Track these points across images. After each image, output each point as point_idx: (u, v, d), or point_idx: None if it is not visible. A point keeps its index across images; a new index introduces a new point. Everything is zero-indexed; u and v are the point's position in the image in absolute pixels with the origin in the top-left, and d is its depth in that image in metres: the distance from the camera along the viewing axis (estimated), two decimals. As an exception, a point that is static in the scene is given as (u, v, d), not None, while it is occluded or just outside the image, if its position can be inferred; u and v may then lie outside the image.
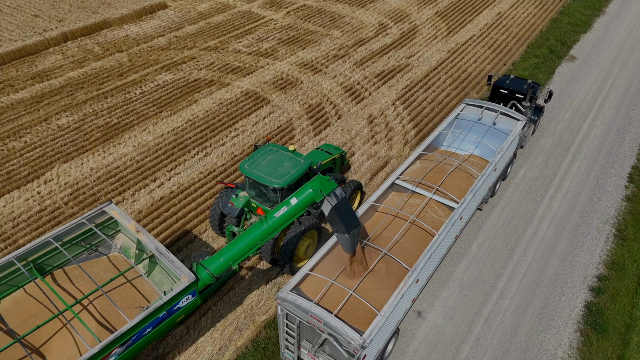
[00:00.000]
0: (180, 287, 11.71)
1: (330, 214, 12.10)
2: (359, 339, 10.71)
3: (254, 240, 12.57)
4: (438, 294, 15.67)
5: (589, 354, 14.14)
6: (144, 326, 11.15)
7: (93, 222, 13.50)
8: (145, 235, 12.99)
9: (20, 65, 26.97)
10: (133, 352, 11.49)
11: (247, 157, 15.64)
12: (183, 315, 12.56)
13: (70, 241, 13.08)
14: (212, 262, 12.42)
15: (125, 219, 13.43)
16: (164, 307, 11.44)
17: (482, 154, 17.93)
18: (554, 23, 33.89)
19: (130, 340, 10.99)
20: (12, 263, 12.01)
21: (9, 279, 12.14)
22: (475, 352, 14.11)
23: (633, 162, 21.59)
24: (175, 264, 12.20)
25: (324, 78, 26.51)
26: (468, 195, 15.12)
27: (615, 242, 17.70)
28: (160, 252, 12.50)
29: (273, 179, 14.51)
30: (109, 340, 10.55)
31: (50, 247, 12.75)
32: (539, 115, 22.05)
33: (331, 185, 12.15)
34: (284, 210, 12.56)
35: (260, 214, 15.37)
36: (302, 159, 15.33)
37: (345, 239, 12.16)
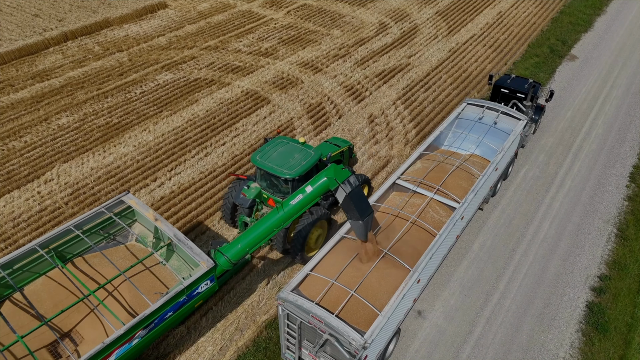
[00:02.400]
0: (199, 272, 12.02)
1: (344, 202, 12.33)
2: (360, 340, 10.67)
3: (271, 227, 12.97)
4: (439, 293, 15.64)
5: (590, 354, 14.11)
6: (165, 310, 11.52)
7: (111, 212, 13.87)
8: (164, 223, 13.34)
9: (21, 64, 26.94)
10: (155, 335, 11.85)
11: (258, 149, 16.00)
12: (201, 301, 12.89)
13: (89, 230, 13.44)
14: (230, 249, 12.82)
15: (144, 207, 13.78)
16: (184, 291, 11.82)
17: (483, 154, 17.88)
18: (555, 22, 33.84)
19: (152, 323, 11.37)
20: (35, 250, 12.37)
21: (31, 266, 12.55)
22: (476, 352, 14.07)
23: (634, 162, 21.54)
24: (194, 250, 12.56)
25: (325, 77, 26.47)
26: (469, 195, 15.07)
27: (616, 241, 17.65)
28: (179, 239, 12.87)
29: (284, 170, 14.86)
30: (133, 323, 10.90)
31: (70, 235, 13.09)
32: (540, 114, 22.02)
33: (345, 174, 12.41)
34: (299, 198, 12.91)
35: (271, 204, 15.82)
36: (312, 151, 15.67)
37: (359, 225, 12.38)
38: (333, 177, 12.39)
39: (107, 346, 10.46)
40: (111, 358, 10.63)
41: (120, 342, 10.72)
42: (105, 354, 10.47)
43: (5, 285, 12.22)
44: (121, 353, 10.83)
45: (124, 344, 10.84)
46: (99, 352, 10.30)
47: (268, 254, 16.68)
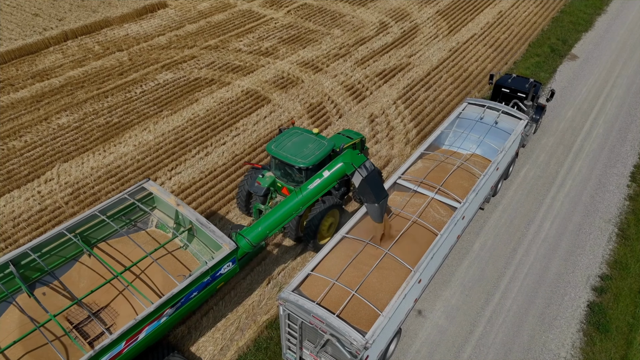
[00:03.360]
0: (222, 254, 12.43)
1: (360, 185, 12.69)
2: (361, 340, 10.65)
3: (289, 211, 13.39)
4: (440, 293, 15.62)
5: (592, 354, 14.09)
6: (190, 290, 11.96)
7: (133, 198, 14.22)
8: (186, 208, 13.72)
9: (21, 64, 26.90)
10: (181, 314, 12.32)
11: (273, 139, 16.35)
12: (222, 282, 13.26)
13: (112, 216, 13.83)
14: (251, 232, 13.18)
15: (165, 194, 14.18)
16: (208, 272, 12.23)
17: (484, 153, 17.85)
18: (556, 22, 33.81)
19: (179, 302, 11.84)
20: (63, 234, 12.85)
21: (58, 250, 13.03)
22: (477, 352, 14.05)
23: (635, 161, 21.52)
24: (216, 233, 12.98)
25: (325, 77, 26.44)
26: (470, 194, 15.05)
27: (618, 241, 17.63)
28: (201, 223, 13.29)
29: (299, 159, 15.25)
30: (162, 301, 11.37)
31: (94, 220, 13.55)
32: (541, 114, 21.99)
33: (361, 158, 12.79)
34: (317, 183, 13.39)
35: (285, 193, 16.27)
36: (326, 141, 16.09)
37: (374, 208, 12.76)
38: (350, 162, 12.82)
39: (138, 322, 10.98)
40: (142, 334, 11.21)
41: (150, 319, 11.25)
42: (136, 330, 11.02)
43: (34, 268, 12.70)
44: (151, 330, 11.41)
45: (154, 321, 11.40)
46: (131, 328, 10.84)
47: (268, 254, 16.66)
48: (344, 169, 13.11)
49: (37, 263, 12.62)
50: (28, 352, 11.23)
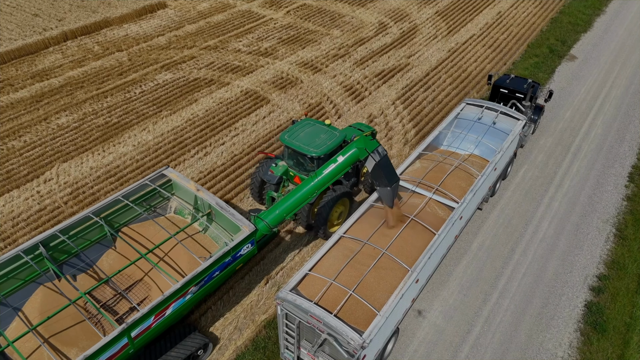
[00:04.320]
0: (242, 235, 12.89)
1: (374, 170, 13.46)
2: (358, 339, 10.69)
3: (305, 195, 13.82)
4: (438, 293, 15.66)
5: (589, 353, 14.13)
6: (213, 269, 12.47)
7: (154, 184, 14.69)
8: (205, 193, 14.19)
9: (20, 64, 26.95)
10: (204, 292, 12.82)
11: (286, 129, 16.90)
12: (241, 264, 13.73)
13: (133, 202, 14.30)
14: (269, 214, 13.54)
15: (184, 180, 14.62)
16: (229, 252, 12.72)
17: (482, 154, 17.90)
18: (554, 22, 33.85)
19: (202, 281, 12.32)
20: (89, 217, 13.38)
21: (85, 233, 13.51)
22: (475, 352, 14.09)
23: (633, 162, 21.56)
24: (236, 216, 13.48)
25: (324, 77, 26.49)
26: (468, 194, 15.10)
27: (615, 241, 17.68)
28: (221, 207, 13.78)
29: (311, 149, 15.73)
30: (187, 279, 11.81)
31: (118, 205, 14.08)
32: (539, 114, 22.03)
33: (374, 144, 13.53)
34: (332, 167, 13.92)
35: (297, 182, 16.78)
36: (338, 132, 16.57)
37: (387, 192, 13.56)
38: (363, 147, 13.47)
39: (166, 299, 11.43)
40: (169, 310, 11.74)
41: (176, 296, 11.74)
42: (164, 306, 11.52)
43: (62, 250, 13.19)
44: (177, 306, 11.94)
45: (179, 298, 11.90)
46: (159, 304, 11.31)
47: (267, 253, 16.71)
48: (357, 154, 13.70)
49: (64, 245, 13.12)
50: (58, 331, 11.63)
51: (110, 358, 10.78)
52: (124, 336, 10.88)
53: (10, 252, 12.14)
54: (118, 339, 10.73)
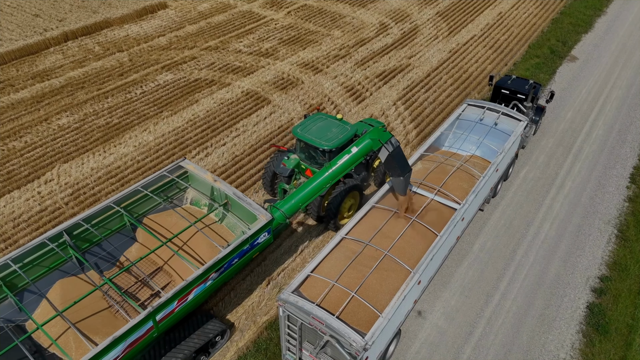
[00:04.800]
0: (260, 224, 13.17)
1: (387, 160, 13.85)
2: (360, 341, 10.67)
3: (320, 185, 14.13)
4: (440, 294, 15.63)
5: (591, 355, 14.10)
6: (232, 257, 12.75)
7: (172, 175, 15.02)
8: (223, 184, 14.44)
9: (21, 64, 26.93)
10: (223, 279, 13.11)
11: (298, 123, 17.27)
12: (258, 252, 13.99)
13: (152, 192, 14.54)
14: (285, 204, 13.85)
15: (201, 171, 14.90)
16: (248, 240, 12.96)
17: (484, 155, 17.88)
18: (555, 23, 33.84)
19: (222, 268, 12.63)
20: (110, 207, 13.72)
21: (106, 223, 13.88)
22: (477, 353, 14.07)
23: (635, 163, 21.54)
24: (253, 205, 13.75)
25: (325, 78, 26.47)
26: (470, 196, 15.07)
27: (617, 242, 17.65)
28: (238, 197, 14.02)
29: (323, 142, 16.10)
30: (208, 265, 12.13)
31: (137, 195, 14.39)
32: (541, 115, 22.01)
33: (387, 135, 13.91)
34: (346, 158, 14.25)
35: (308, 175, 17.12)
36: (349, 126, 16.92)
37: (399, 181, 14.02)
38: (377, 138, 13.82)
39: (188, 284, 11.75)
40: (190, 295, 12.07)
41: (198, 282, 12.04)
42: (186, 291, 11.85)
43: (84, 239, 13.51)
44: (198, 292, 12.26)
45: (201, 284, 12.20)
46: (182, 289, 11.63)
47: (268, 254, 16.69)
48: (370, 145, 14.07)
49: (86, 234, 13.46)
50: (83, 318, 11.89)
51: (136, 341, 11.13)
52: (150, 319, 11.22)
53: (36, 240, 12.44)
54: (144, 322, 11.09)
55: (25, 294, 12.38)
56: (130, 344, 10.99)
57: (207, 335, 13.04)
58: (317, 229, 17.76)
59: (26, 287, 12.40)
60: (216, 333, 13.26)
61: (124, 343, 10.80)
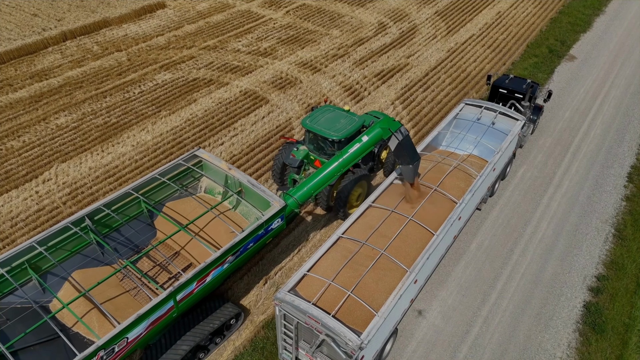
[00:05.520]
0: (274, 209, 13.52)
1: (396, 148, 14.29)
2: (356, 340, 10.68)
3: (332, 172, 14.53)
4: (436, 293, 15.65)
5: (587, 354, 14.12)
6: (248, 240, 13.14)
7: (188, 164, 15.36)
8: (237, 172, 14.77)
9: (19, 64, 26.93)
10: (239, 262, 13.51)
11: (307, 115, 17.73)
12: (270, 238, 14.37)
13: (169, 180, 14.93)
14: (298, 191, 14.20)
15: (216, 160, 15.23)
16: (263, 225, 13.33)
17: (481, 154, 17.89)
18: (554, 22, 33.85)
19: (239, 251, 13.02)
20: (130, 193, 14.11)
21: (124, 209, 14.26)
22: (473, 352, 14.09)
23: (632, 162, 21.56)
24: (267, 192, 14.13)
25: (324, 77, 26.48)
26: (467, 195, 15.09)
27: (614, 242, 17.67)
28: (252, 184, 14.39)
29: (332, 132, 16.53)
30: (226, 248, 12.51)
31: (154, 183, 14.76)
32: (538, 114, 22.02)
33: (397, 124, 14.46)
34: (357, 147, 14.77)
35: (317, 165, 17.47)
36: (357, 117, 17.37)
37: (408, 169, 14.55)
38: (387, 127, 14.35)
39: (207, 266, 12.14)
40: (209, 277, 12.46)
41: (215, 265, 12.42)
42: (204, 273, 12.24)
43: (104, 224, 13.93)
44: (216, 274, 12.66)
45: (218, 267, 12.58)
46: (201, 271, 12.02)
47: (265, 254, 16.70)
48: (381, 133, 14.62)
49: (106, 220, 13.89)
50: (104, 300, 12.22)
51: (157, 320, 11.51)
52: (171, 299, 11.58)
53: (59, 224, 12.82)
54: (166, 301, 11.45)
55: (48, 277, 12.83)
56: (152, 322, 11.40)
57: (224, 318, 13.42)
58: (314, 228, 17.78)
59: (49, 270, 12.85)
60: (231, 316, 13.64)
61: (147, 321, 11.20)
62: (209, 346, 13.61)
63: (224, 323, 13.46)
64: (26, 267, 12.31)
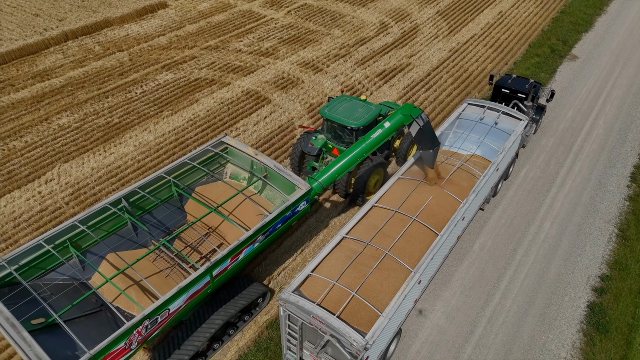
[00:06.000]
0: (300, 192, 13.97)
1: (417, 134, 14.78)
2: (361, 341, 10.67)
3: (355, 157, 15.00)
4: (440, 294, 15.63)
5: (592, 354, 14.11)
6: (277, 221, 13.62)
7: (212, 152, 15.81)
8: (263, 157, 15.17)
9: (21, 64, 26.92)
10: (269, 242, 14.03)
11: (325, 105, 18.37)
12: (296, 221, 14.89)
13: (195, 167, 15.46)
14: (322, 175, 14.71)
15: (242, 146, 15.67)
16: (290, 207, 13.78)
17: (484, 154, 17.86)
18: (556, 22, 33.81)
19: (268, 231, 13.51)
20: (162, 177, 14.62)
21: (157, 192, 14.77)
22: (477, 353, 14.07)
23: (635, 162, 21.53)
24: (293, 176, 14.54)
25: (325, 77, 26.45)
26: (470, 195, 15.07)
27: (617, 242, 17.64)
28: (279, 169, 14.82)
29: (351, 121, 17.19)
30: (257, 227, 12.95)
31: (184, 167, 15.29)
32: (541, 114, 22.00)
33: (417, 111, 14.81)
34: (379, 132, 15.22)
35: (335, 154, 18.11)
36: (374, 107, 18.04)
37: (429, 154, 15.06)
38: (408, 114, 14.74)
39: (240, 243, 12.63)
40: (241, 255, 12.99)
41: (247, 243, 12.92)
42: (238, 251, 12.74)
43: (137, 206, 14.43)
44: (248, 252, 13.21)
45: (250, 245, 13.10)
46: (235, 248, 12.52)
47: (269, 254, 16.68)
48: (402, 120, 15.04)
49: (140, 202, 14.39)
50: (140, 279, 12.86)
51: (195, 294, 12.05)
52: (208, 274, 12.10)
53: (99, 205, 13.34)
54: (204, 276, 11.97)
55: (87, 255, 13.39)
56: (191, 296, 11.92)
57: (252, 296, 14.03)
58: (318, 228, 17.77)
59: (87, 249, 13.43)
60: (259, 295, 14.25)
61: (186, 294, 11.72)
62: (237, 323, 14.28)
63: (252, 301, 14.06)
64: (68, 245, 12.85)
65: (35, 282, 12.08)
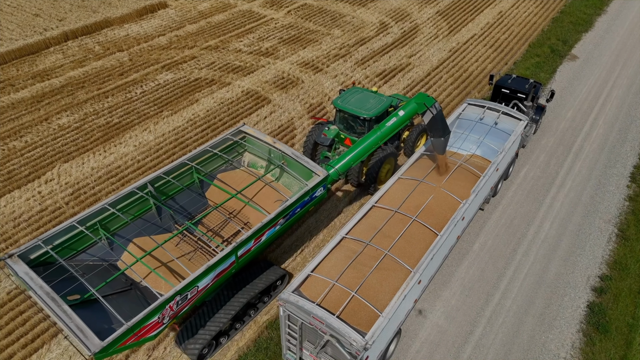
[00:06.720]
0: (318, 178, 14.51)
1: (430, 122, 15.26)
2: (361, 341, 10.67)
3: (370, 145, 15.42)
4: (440, 294, 15.64)
5: (591, 354, 14.11)
6: (296, 205, 14.10)
7: (231, 140, 16.28)
8: (281, 145, 15.69)
9: (21, 64, 26.93)
10: (288, 225, 14.52)
11: (337, 96, 18.62)
12: (313, 207, 15.33)
13: (215, 155, 15.95)
14: (338, 162, 15.14)
15: (260, 134, 16.15)
16: (308, 192, 14.25)
17: (484, 154, 17.86)
18: (556, 22, 33.81)
19: (288, 215, 13.99)
20: (185, 164, 15.17)
21: (179, 178, 15.27)
22: (477, 353, 14.07)
23: (635, 162, 21.53)
24: (310, 163, 15.04)
25: (325, 77, 26.46)
26: (470, 195, 15.06)
27: (617, 241, 17.65)
28: (296, 156, 15.26)
29: (363, 111, 17.62)
30: (278, 211, 13.48)
31: (206, 155, 15.77)
32: (541, 114, 22.00)
33: (431, 100, 15.25)
34: (394, 120, 15.70)
35: (347, 144, 18.57)
36: (385, 98, 18.43)
37: (440, 142, 15.54)
38: (422, 102, 15.13)
39: (263, 225, 13.13)
40: (264, 237, 13.50)
41: (269, 225, 13.44)
42: (261, 232, 13.26)
43: (161, 192, 14.97)
44: (269, 234, 13.72)
45: (271, 228, 13.61)
46: (258, 230, 13.04)
47: (270, 253, 16.69)
48: (416, 108, 15.44)
49: (164, 187, 14.93)
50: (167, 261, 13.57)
51: (221, 273, 12.58)
52: (233, 254, 12.64)
53: (126, 189, 13.90)
54: (230, 255, 12.49)
55: (115, 238, 13.83)
56: (217, 274, 12.43)
57: (272, 278, 14.56)
58: (318, 228, 17.77)
59: (115, 232, 13.91)
60: (278, 277, 14.79)
61: (214, 272, 12.26)
62: (257, 305, 14.77)
63: (272, 282, 14.54)
64: (98, 227, 13.39)
65: (68, 262, 12.51)
